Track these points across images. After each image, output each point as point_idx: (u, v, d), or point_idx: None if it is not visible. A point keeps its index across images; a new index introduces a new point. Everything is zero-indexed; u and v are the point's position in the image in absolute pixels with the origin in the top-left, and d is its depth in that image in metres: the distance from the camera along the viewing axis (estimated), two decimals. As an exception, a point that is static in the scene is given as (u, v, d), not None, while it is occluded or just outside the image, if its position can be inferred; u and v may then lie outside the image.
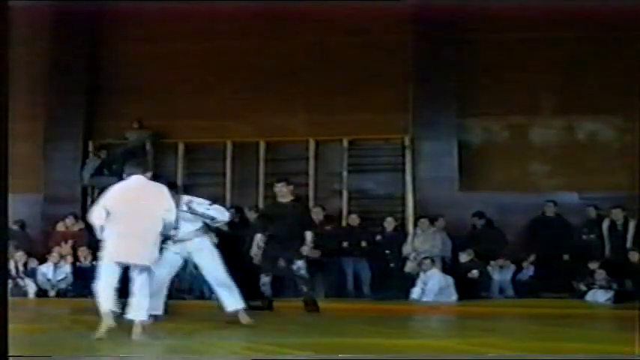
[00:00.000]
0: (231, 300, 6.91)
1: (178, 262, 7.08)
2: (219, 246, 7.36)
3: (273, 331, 6.67)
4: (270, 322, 7.17)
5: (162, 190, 6.17)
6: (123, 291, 5.97)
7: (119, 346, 5.56)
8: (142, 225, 5.93)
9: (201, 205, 7.01)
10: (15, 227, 12.57)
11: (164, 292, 6.96)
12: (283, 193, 8.68)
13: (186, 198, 7.00)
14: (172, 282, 11.00)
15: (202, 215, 6.91)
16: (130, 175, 6.19)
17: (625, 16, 11.83)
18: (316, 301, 8.76)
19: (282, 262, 8.47)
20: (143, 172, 6.24)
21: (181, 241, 6.94)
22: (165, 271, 6.93)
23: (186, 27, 13.76)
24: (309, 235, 8.55)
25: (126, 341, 5.73)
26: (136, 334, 5.84)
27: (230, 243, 9.10)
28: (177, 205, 6.72)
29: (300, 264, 8.41)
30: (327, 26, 13.42)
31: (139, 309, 5.89)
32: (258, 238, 8.52)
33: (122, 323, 5.95)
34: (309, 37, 13.58)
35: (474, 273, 11.09)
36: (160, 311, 6.81)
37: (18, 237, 12.36)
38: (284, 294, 10.72)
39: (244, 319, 6.84)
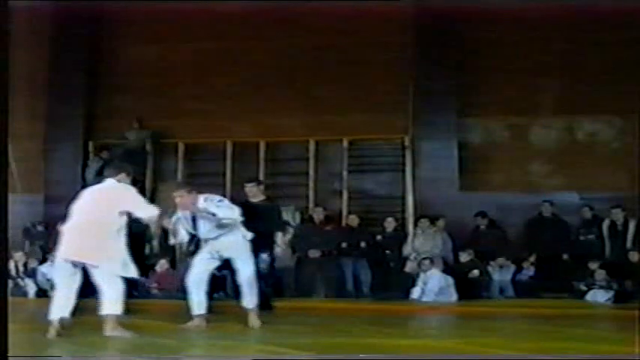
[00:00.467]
0: (248, 299, 6.93)
1: (212, 263, 7.05)
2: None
3: (273, 331, 6.67)
4: (270, 322, 7.15)
5: (126, 193, 6.25)
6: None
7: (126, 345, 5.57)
8: (95, 226, 6.02)
9: (210, 201, 6.91)
10: (40, 228, 12.91)
11: (202, 291, 6.97)
12: (254, 192, 8.68)
13: (202, 196, 6.95)
14: (172, 282, 11.02)
15: (205, 211, 6.83)
16: (107, 177, 6.36)
17: (625, 16, 11.84)
18: (270, 299, 8.71)
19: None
20: (116, 175, 6.32)
21: (207, 240, 6.96)
22: (200, 272, 6.99)
23: (186, 27, 13.76)
24: (280, 236, 8.56)
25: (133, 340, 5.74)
26: (109, 329, 5.92)
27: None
28: (194, 203, 6.80)
29: (264, 257, 8.41)
30: (327, 26, 13.42)
31: (110, 304, 5.94)
32: None
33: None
34: (309, 37, 13.57)
35: (474, 273, 11.09)
36: (201, 311, 6.91)
37: (44, 237, 12.53)
38: (283, 294, 10.74)
39: (253, 320, 6.86)
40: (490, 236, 11.87)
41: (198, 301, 6.88)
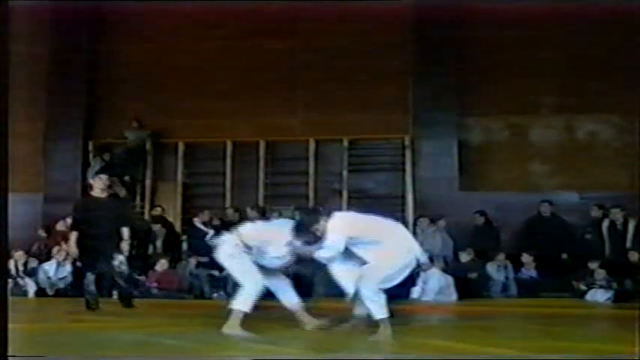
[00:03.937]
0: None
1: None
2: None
3: (274, 331, 6.66)
4: (269, 321, 7.15)
5: None
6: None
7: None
8: None
9: None
10: None
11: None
12: (101, 187, 8.58)
13: None
14: (172, 282, 11.05)
15: None
16: None
17: (625, 15, 11.85)
18: (132, 298, 8.65)
19: (103, 259, 8.40)
20: None
21: None
22: None
23: (186, 27, 13.78)
24: (125, 231, 8.55)
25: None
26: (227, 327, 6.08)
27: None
28: None
29: (121, 259, 8.37)
30: (327, 26, 13.43)
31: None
32: (74, 236, 8.37)
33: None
34: (309, 37, 13.58)
35: (474, 272, 11.10)
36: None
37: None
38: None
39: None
40: (484, 234, 11.90)
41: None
